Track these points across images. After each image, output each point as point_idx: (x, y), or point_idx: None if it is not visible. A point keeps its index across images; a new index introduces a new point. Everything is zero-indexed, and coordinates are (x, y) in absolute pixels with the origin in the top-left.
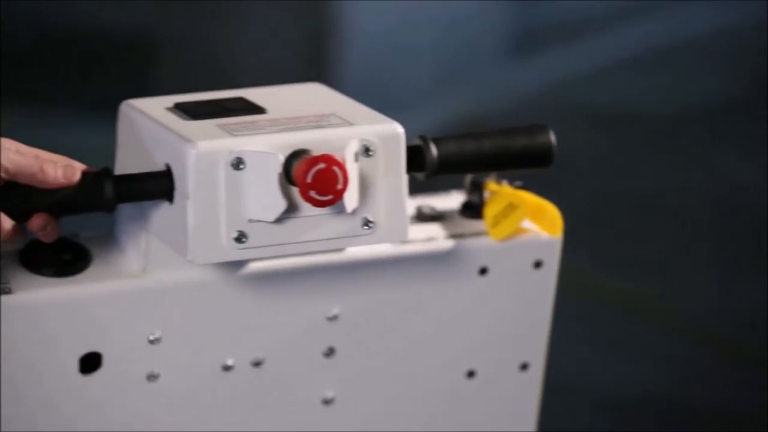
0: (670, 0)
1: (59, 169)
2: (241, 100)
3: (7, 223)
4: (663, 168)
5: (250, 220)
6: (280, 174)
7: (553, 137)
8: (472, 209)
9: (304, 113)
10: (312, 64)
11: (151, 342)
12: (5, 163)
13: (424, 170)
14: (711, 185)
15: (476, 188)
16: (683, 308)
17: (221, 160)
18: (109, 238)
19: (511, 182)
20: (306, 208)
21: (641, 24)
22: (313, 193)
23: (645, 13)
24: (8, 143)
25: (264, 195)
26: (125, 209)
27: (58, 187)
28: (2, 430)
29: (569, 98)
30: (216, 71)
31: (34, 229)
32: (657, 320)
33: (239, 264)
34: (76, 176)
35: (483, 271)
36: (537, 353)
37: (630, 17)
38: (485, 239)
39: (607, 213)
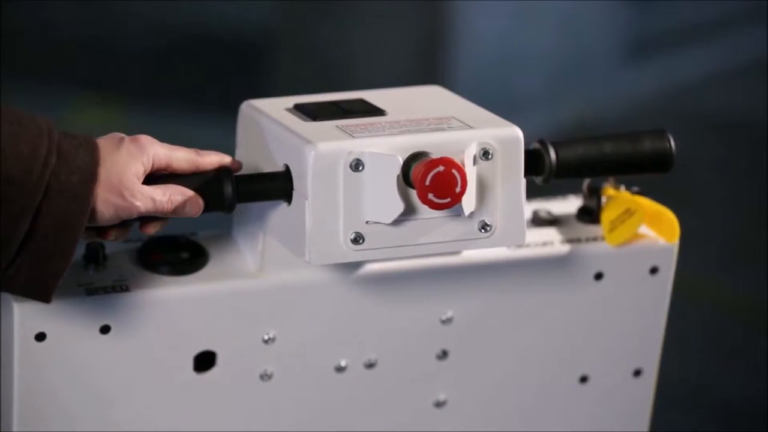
0: None
1: (186, 207)
2: (361, 102)
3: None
4: None
5: (368, 222)
6: (398, 176)
7: (672, 143)
8: (589, 214)
9: (424, 116)
10: (425, 65)
11: (266, 342)
12: (143, 211)
13: (543, 174)
14: None
15: (593, 193)
16: None
17: (340, 161)
18: (227, 238)
19: (628, 187)
20: (423, 210)
21: (758, 29)
22: (431, 196)
23: (761, 18)
24: (148, 144)
25: (382, 197)
26: (243, 209)
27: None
28: (117, 426)
29: (684, 104)
30: (329, 72)
31: (149, 233)
32: None
33: (355, 265)
34: (199, 212)
35: (598, 276)
36: (650, 359)
37: (747, 22)
38: (601, 244)
39: (724, 219)
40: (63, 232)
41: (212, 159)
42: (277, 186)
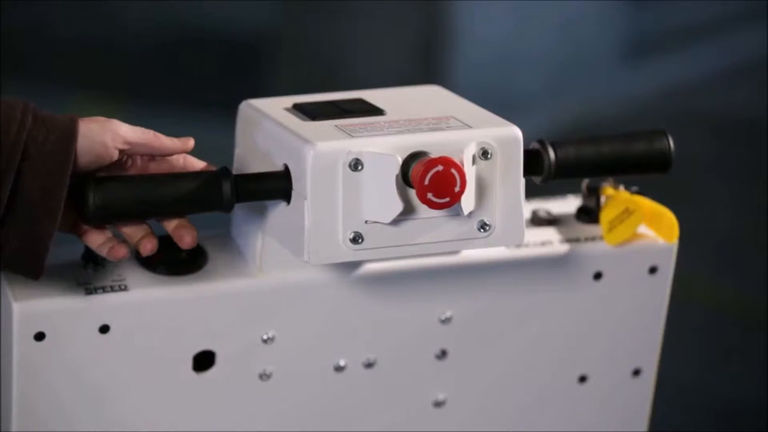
0: None
1: (173, 138)
2: (360, 102)
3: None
4: None
5: (367, 221)
6: (397, 176)
7: (671, 143)
8: (588, 214)
9: (423, 115)
10: (424, 65)
11: (265, 341)
12: (125, 133)
13: (542, 174)
14: None
15: (592, 193)
16: None
17: (339, 161)
18: (226, 238)
19: (627, 187)
20: (422, 210)
21: (758, 29)
22: (430, 196)
23: (761, 18)
24: (120, 124)
25: (381, 196)
26: (242, 209)
27: (173, 153)
28: (116, 425)
29: (683, 104)
30: (329, 72)
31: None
32: None
33: (354, 265)
34: (190, 143)
35: (597, 276)
36: (649, 359)
37: (746, 22)
38: (600, 244)
39: (724, 219)
40: (47, 192)
41: (199, 165)
42: (276, 186)
